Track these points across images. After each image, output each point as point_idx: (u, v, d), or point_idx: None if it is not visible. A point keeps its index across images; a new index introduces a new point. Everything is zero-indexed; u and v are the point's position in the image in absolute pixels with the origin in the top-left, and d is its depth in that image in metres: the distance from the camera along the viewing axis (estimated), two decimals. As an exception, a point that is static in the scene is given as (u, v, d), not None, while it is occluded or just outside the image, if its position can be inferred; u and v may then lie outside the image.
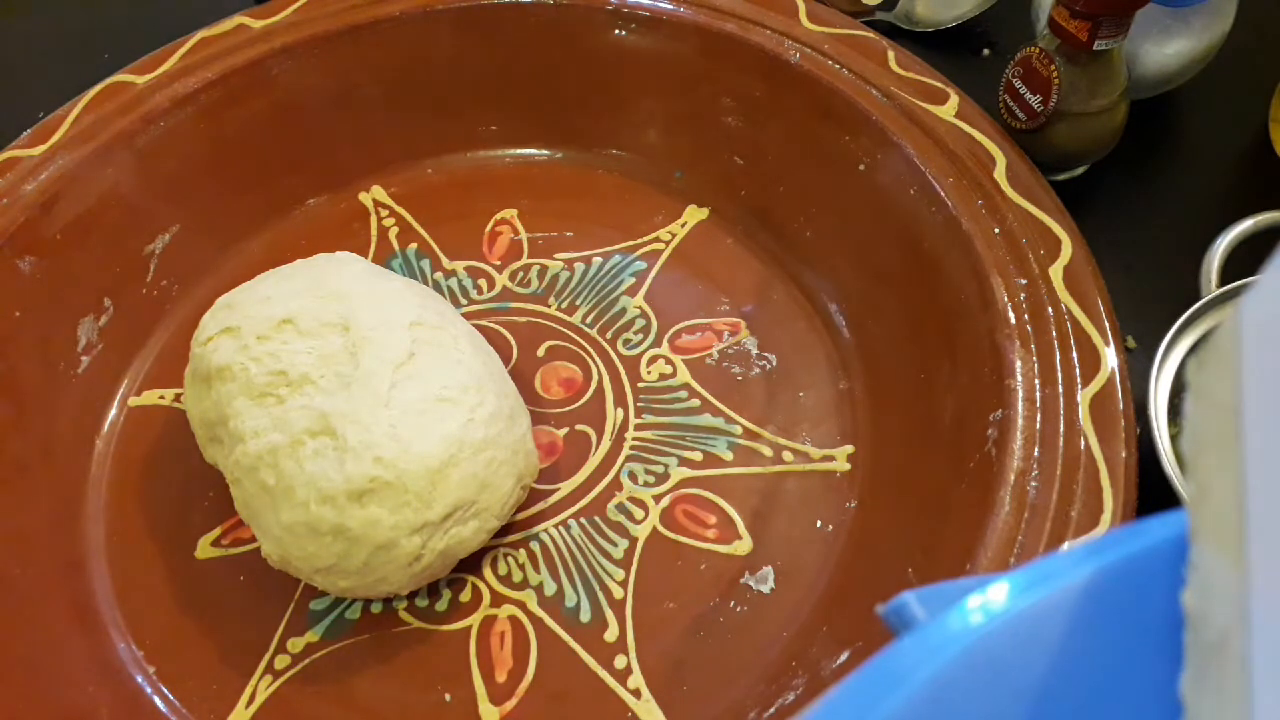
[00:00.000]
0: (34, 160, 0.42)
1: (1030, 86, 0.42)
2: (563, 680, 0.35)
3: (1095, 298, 0.36)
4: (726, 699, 0.34)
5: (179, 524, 0.39)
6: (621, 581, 0.37)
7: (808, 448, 0.39)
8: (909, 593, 0.15)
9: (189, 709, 0.34)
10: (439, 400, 0.34)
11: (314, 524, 0.32)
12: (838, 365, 0.42)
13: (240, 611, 0.37)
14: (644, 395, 0.41)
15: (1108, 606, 0.15)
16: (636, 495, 0.39)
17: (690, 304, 0.44)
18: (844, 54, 0.44)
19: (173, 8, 0.57)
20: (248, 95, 0.46)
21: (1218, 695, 0.13)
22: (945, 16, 0.53)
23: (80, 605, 0.37)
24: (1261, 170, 0.46)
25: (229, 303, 0.38)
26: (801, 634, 0.35)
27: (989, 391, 0.34)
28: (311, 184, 0.49)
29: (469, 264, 0.46)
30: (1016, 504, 0.31)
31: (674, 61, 0.47)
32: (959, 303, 0.37)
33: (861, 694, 0.14)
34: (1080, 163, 0.44)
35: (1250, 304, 0.14)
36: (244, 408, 0.34)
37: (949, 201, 0.38)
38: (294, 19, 0.47)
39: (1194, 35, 0.45)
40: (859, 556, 0.36)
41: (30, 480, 0.38)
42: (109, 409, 0.42)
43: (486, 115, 0.50)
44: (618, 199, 0.48)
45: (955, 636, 0.14)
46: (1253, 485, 0.13)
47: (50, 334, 0.41)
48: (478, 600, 0.36)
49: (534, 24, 0.48)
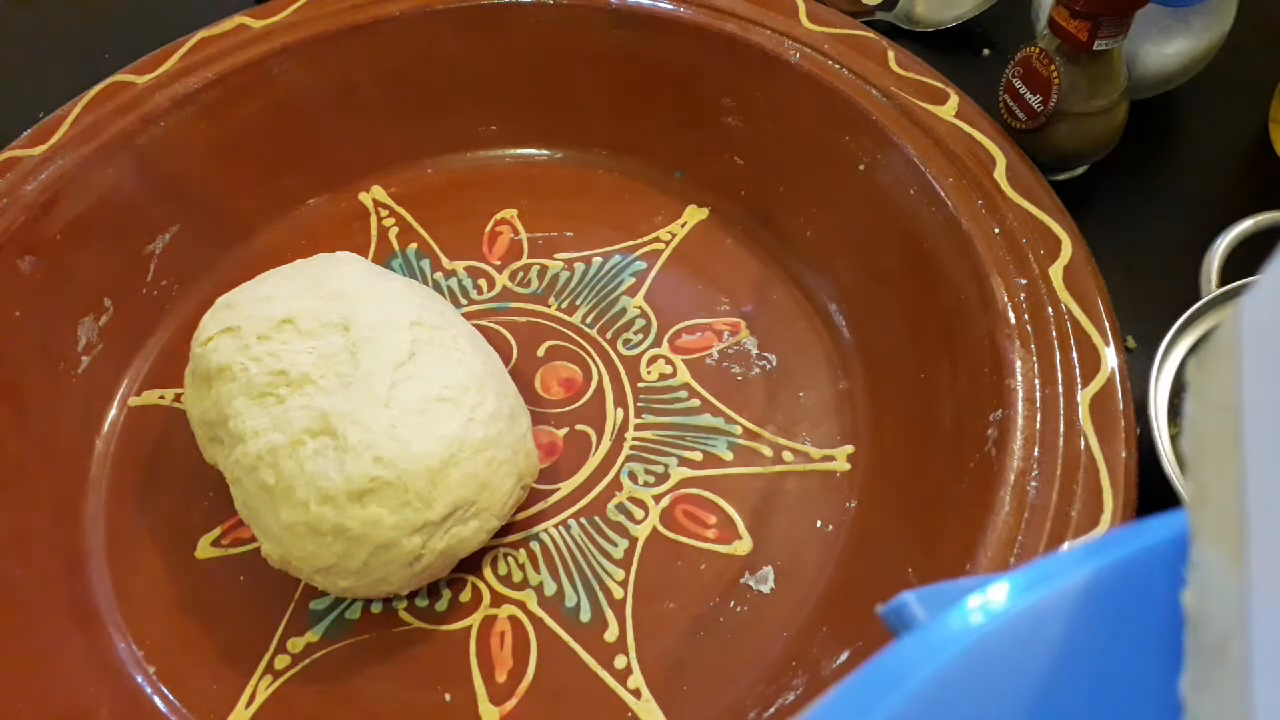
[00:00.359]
0: (34, 160, 0.42)
1: (1030, 86, 0.42)
2: (563, 680, 0.35)
3: (1095, 298, 0.36)
4: (726, 699, 0.34)
5: (179, 524, 0.39)
6: (621, 581, 0.37)
7: (808, 448, 0.39)
8: (909, 593, 0.15)
9: (189, 709, 0.34)
10: (439, 400, 0.34)
11: (314, 524, 0.32)
12: (838, 365, 0.42)
13: (240, 611, 0.37)
14: (644, 395, 0.41)
15: (1108, 606, 0.15)
16: (636, 495, 0.39)
17: (690, 304, 0.44)
18: (844, 54, 0.44)
19: (173, 8, 0.57)
20: (248, 95, 0.46)
21: (1218, 695, 0.13)
22: (945, 16, 0.53)
23: (80, 605, 0.37)
24: (1261, 170, 0.46)
25: (229, 303, 0.38)
26: (801, 634, 0.35)
27: (989, 391, 0.34)
28: (311, 184, 0.49)
29: (469, 264, 0.46)
30: (1016, 504, 0.31)
31: (674, 61, 0.47)
32: (959, 303, 0.37)
33: (861, 694, 0.14)
34: (1080, 163, 0.44)
35: (1250, 304, 0.14)
36: (244, 407, 0.34)
37: (949, 201, 0.38)
38: (294, 19, 0.47)
39: (1194, 35, 0.45)
40: (859, 556, 0.36)
41: (30, 480, 0.38)
42: (109, 409, 0.42)
43: (486, 115, 0.50)
44: (618, 199, 0.48)
45: (955, 636, 0.14)
46: (1253, 485, 0.13)
47: (50, 334, 0.41)
48: (478, 600, 0.36)
49: (534, 24, 0.48)
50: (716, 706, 0.34)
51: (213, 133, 0.46)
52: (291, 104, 0.47)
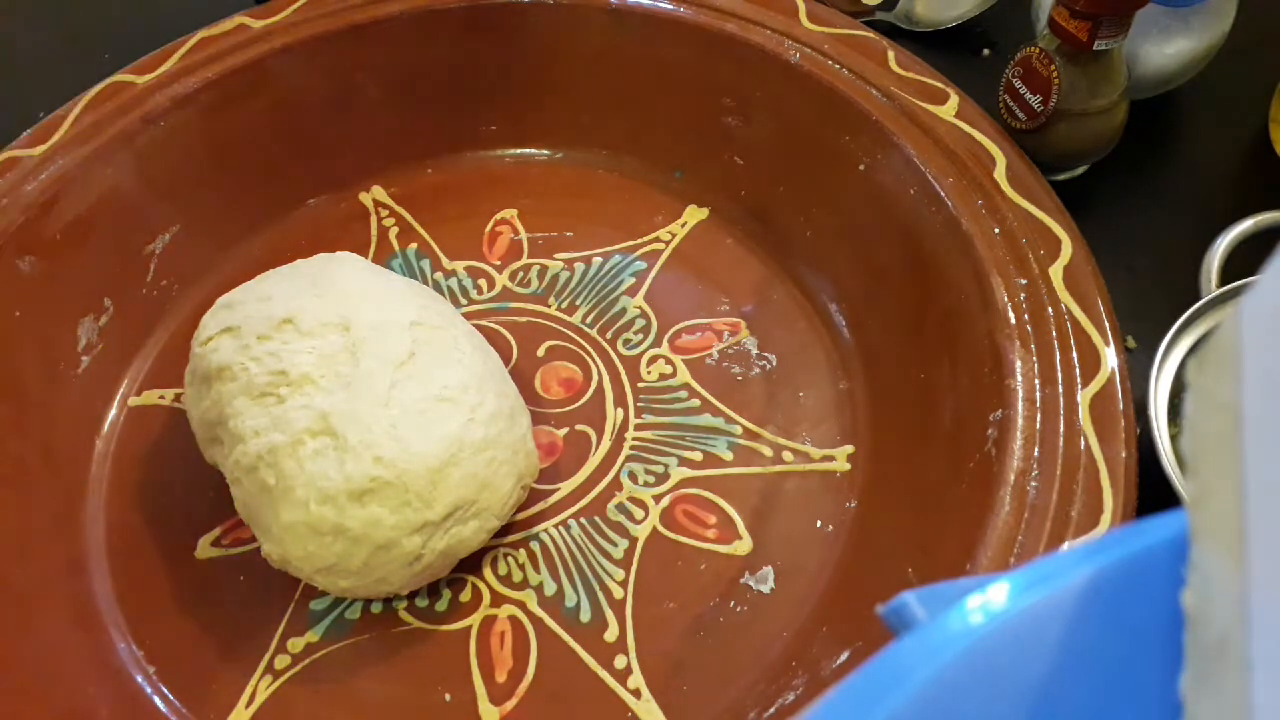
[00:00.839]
0: (34, 160, 0.42)
1: (1030, 86, 0.42)
2: (563, 680, 0.35)
3: (1095, 298, 0.36)
4: (726, 699, 0.34)
5: (179, 524, 0.39)
6: (621, 581, 0.37)
7: (808, 448, 0.39)
8: (909, 593, 0.15)
9: (189, 709, 0.34)
10: (439, 400, 0.34)
11: (314, 524, 0.32)
12: (838, 365, 0.42)
13: (240, 611, 0.37)
14: (644, 395, 0.41)
15: (1108, 606, 0.15)
16: (636, 495, 0.39)
17: (690, 304, 0.44)
18: (844, 54, 0.44)
19: (173, 8, 0.57)
20: (248, 95, 0.46)
21: (1218, 695, 0.13)
22: (945, 16, 0.53)
23: (80, 605, 0.37)
24: (1261, 170, 0.46)
25: (229, 302, 0.38)
26: (801, 634, 0.35)
27: (989, 391, 0.34)
28: (311, 184, 0.49)
29: (469, 264, 0.46)
30: (1016, 504, 0.31)
31: (674, 61, 0.47)
32: (959, 303, 0.37)
33: (861, 694, 0.14)
34: (1080, 163, 0.44)
35: (1250, 304, 0.14)
36: (244, 407, 0.34)
37: (949, 201, 0.38)
38: (294, 19, 0.47)
39: (1194, 35, 0.45)
40: (859, 556, 0.36)
41: (30, 480, 0.38)
42: (109, 409, 0.42)
43: (486, 115, 0.50)
44: (618, 199, 0.48)
45: (955, 637, 0.14)
46: (1253, 485, 0.13)
47: (50, 334, 0.41)
48: (478, 600, 0.36)
49: (534, 24, 0.48)
50: (716, 706, 0.34)
51: (213, 133, 0.46)
52: (291, 104, 0.47)
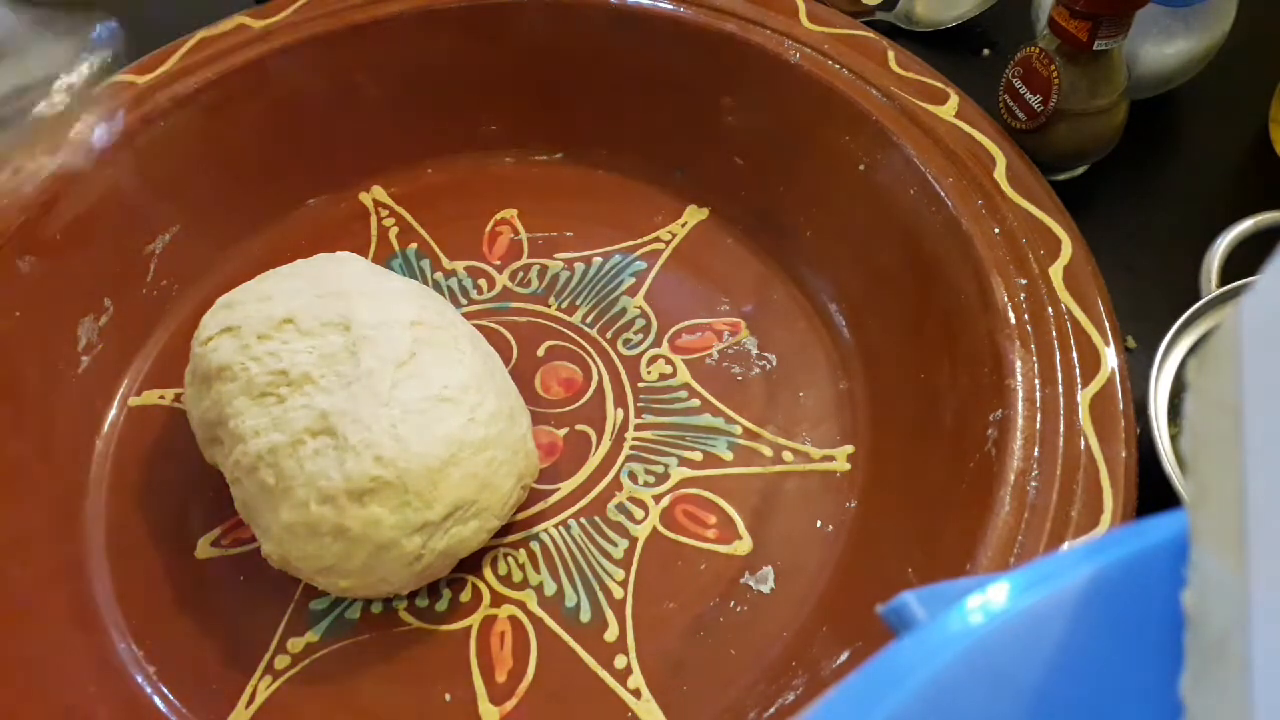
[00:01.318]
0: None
1: (1030, 86, 0.42)
2: (563, 680, 0.35)
3: (1095, 298, 0.36)
4: (726, 699, 0.34)
5: (179, 524, 0.39)
6: (621, 581, 0.37)
7: (808, 448, 0.39)
8: (909, 593, 0.15)
9: (189, 709, 0.34)
10: (439, 400, 0.34)
11: (314, 524, 0.32)
12: (838, 365, 0.42)
13: (240, 611, 0.37)
14: (644, 395, 0.41)
15: (1108, 606, 0.15)
16: (636, 495, 0.39)
17: (690, 304, 0.44)
18: (844, 54, 0.44)
19: (173, 8, 0.57)
20: (248, 95, 0.46)
21: (1218, 695, 0.13)
22: (945, 16, 0.53)
23: (80, 605, 0.36)
24: (1261, 170, 0.46)
25: (229, 302, 0.38)
26: (801, 634, 0.35)
27: (989, 391, 0.34)
28: (311, 184, 0.49)
29: (469, 264, 0.46)
30: (1016, 504, 0.31)
31: (674, 61, 0.47)
32: (959, 303, 0.37)
33: (861, 694, 0.14)
34: (1080, 163, 0.44)
35: (1250, 304, 0.14)
36: (244, 407, 0.34)
37: (949, 201, 0.38)
38: (294, 19, 0.47)
39: (1194, 35, 0.45)
40: (859, 556, 0.36)
41: (30, 480, 0.38)
42: (109, 409, 0.42)
43: (486, 115, 0.50)
44: (618, 199, 0.48)
45: (955, 636, 0.14)
46: (1253, 486, 0.13)
47: (50, 334, 0.41)
48: (478, 600, 0.36)
49: (534, 24, 0.48)
50: (716, 706, 0.34)
51: (213, 133, 0.46)
52: (291, 104, 0.47)
